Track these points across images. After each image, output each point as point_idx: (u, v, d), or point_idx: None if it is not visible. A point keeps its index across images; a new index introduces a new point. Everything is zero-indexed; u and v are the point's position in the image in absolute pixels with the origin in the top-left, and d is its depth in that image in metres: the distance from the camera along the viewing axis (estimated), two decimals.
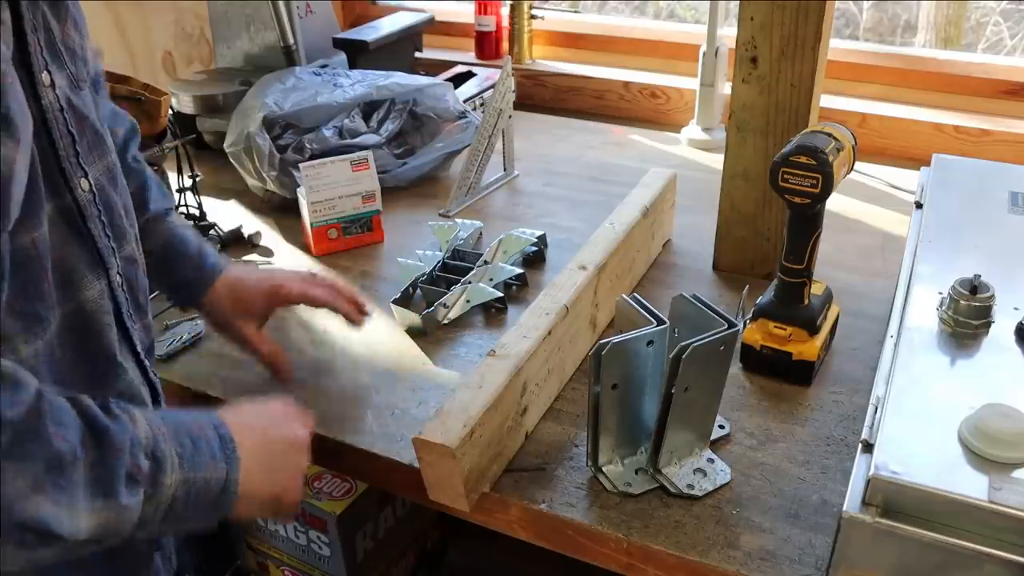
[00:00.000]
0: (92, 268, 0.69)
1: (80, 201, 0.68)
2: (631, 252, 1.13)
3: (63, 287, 0.66)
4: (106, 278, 0.71)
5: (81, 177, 0.68)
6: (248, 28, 1.67)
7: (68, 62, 0.68)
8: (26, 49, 0.62)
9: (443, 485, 0.81)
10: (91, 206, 0.69)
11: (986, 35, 3.70)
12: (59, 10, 0.68)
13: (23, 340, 0.63)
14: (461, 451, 0.77)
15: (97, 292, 0.70)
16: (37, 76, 0.63)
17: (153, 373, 0.79)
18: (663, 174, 1.25)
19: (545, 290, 0.98)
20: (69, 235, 0.67)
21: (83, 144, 0.69)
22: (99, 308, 0.70)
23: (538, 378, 0.91)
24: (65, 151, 0.66)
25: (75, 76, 0.69)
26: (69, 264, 0.67)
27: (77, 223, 0.68)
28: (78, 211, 0.68)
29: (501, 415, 0.83)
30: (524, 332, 0.90)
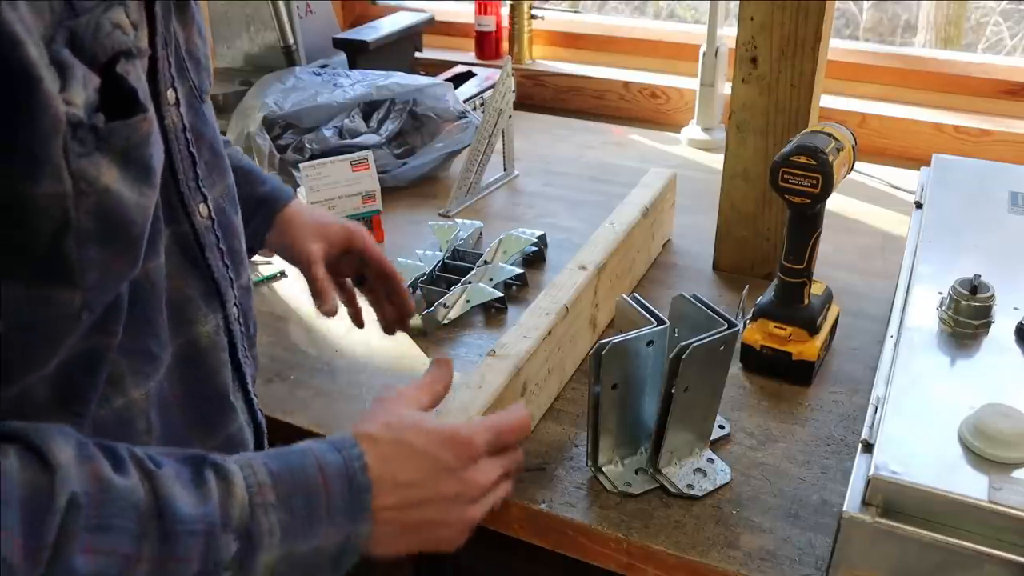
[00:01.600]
0: (208, 301, 0.63)
1: (198, 228, 0.61)
2: (631, 252, 1.13)
3: (176, 322, 0.60)
4: (222, 311, 0.65)
5: (200, 202, 0.62)
6: (248, 28, 1.67)
7: (192, 73, 0.62)
8: (155, 67, 0.56)
9: None
10: (209, 233, 0.63)
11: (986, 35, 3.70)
12: (185, 16, 0.62)
13: (133, 383, 0.56)
14: None
15: (212, 327, 0.64)
16: (163, 95, 0.57)
17: (259, 410, 0.72)
18: (663, 174, 1.25)
19: (545, 290, 0.98)
20: (184, 265, 0.61)
21: (202, 166, 0.62)
22: (214, 344, 0.64)
23: (538, 378, 0.91)
24: (184, 175, 0.60)
25: (198, 88, 0.63)
26: (184, 296, 0.61)
27: (193, 252, 0.62)
28: (195, 239, 0.62)
29: None
30: (524, 332, 0.90)
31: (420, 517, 0.59)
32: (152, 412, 0.58)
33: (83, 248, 0.47)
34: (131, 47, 0.48)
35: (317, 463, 0.55)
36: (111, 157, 0.47)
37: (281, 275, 1.24)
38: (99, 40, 0.46)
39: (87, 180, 0.45)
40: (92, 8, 0.45)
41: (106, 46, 0.46)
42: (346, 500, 0.55)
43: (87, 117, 0.45)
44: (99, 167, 0.46)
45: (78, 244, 0.46)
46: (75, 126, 0.44)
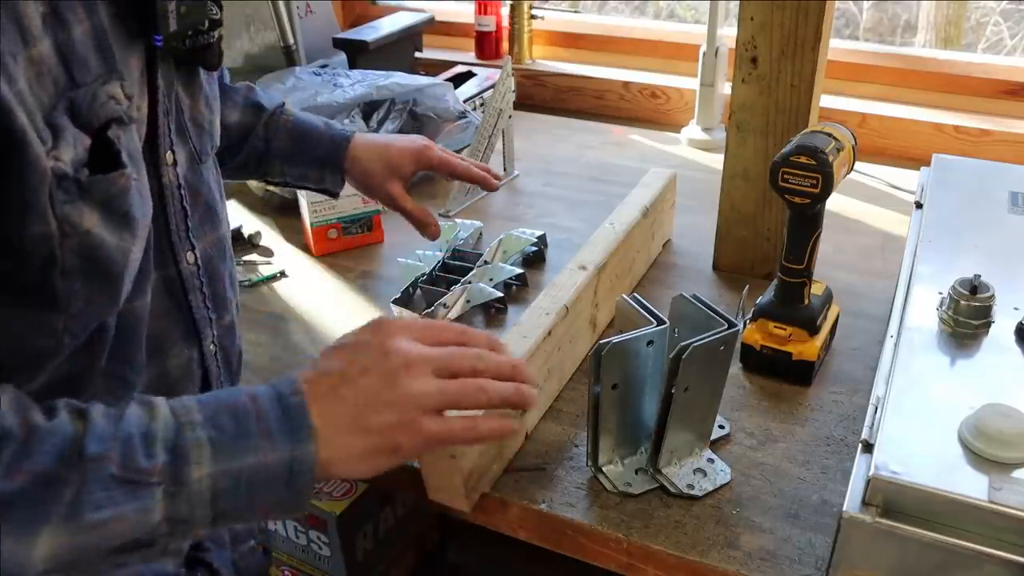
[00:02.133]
0: (186, 338, 0.71)
1: (183, 273, 0.70)
2: (631, 252, 1.13)
3: (152, 353, 0.67)
4: (198, 348, 0.73)
5: (188, 250, 0.70)
6: (248, 28, 1.67)
7: (193, 137, 0.71)
8: (156, 131, 0.65)
9: (443, 486, 0.81)
10: (194, 278, 0.71)
11: (986, 35, 3.70)
12: (192, 88, 0.71)
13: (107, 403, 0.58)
14: (461, 451, 0.77)
15: (185, 360, 0.71)
16: (161, 157, 0.66)
17: None
18: (663, 174, 1.25)
19: (545, 290, 0.98)
20: (168, 304, 0.69)
21: (195, 218, 0.71)
22: (185, 376, 0.71)
23: (538, 378, 0.91)
24: (176, 225, 0.69)
25: (198, 151, 0.72)
26: (163, 333, 0.69)
27: (178, 294, 0.70)
28: (180, 283, 0.70)
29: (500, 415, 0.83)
30: (524, 332, 0.90)
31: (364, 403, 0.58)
32: None
33: (68, 281, 0.55)
34: (123, 115, 0.57)
35: (246, 392, 0.58)
36: (92, 205, 0.55)
37: (281, 275, 1.24)
38: (94, 109, 0.55)
39: (71, 223, 0.54)
40: (91, 82, 0.54)
41: (100, 114, 0.55)
42: (280, 418, 0.56)
43: (73, 171, 0.53)
44: (82, 213, 0.54)
45: (63, 278, 0.54)
46: (60, 178, 0.52)
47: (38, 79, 0.51)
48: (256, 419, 0.56)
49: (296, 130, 1.01)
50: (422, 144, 1.04)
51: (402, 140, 1.05)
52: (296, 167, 1.02)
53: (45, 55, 0.51)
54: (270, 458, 0.55)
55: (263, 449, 0.55)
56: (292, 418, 0.56)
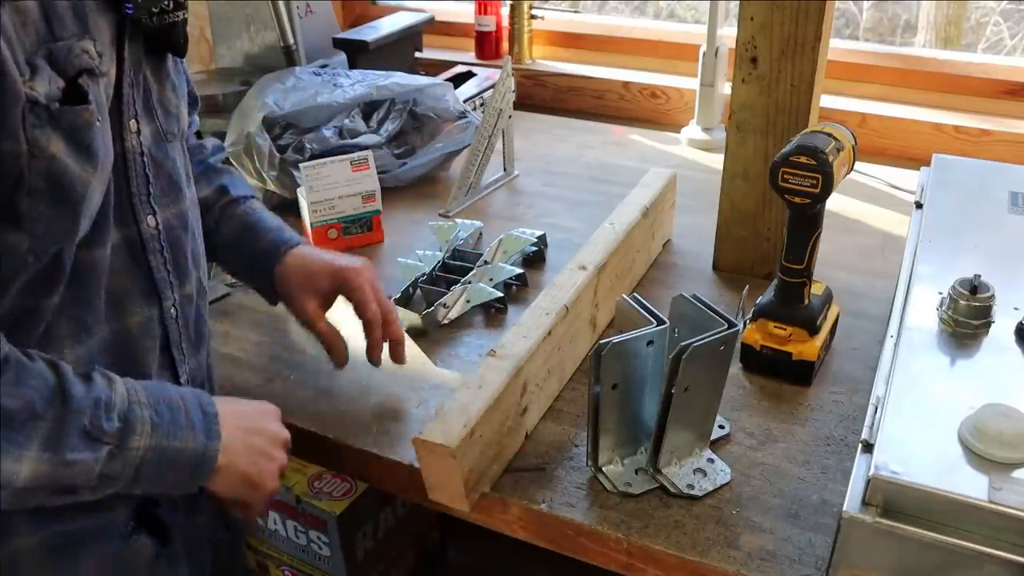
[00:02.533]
0: (146, 297, 0.76)
1: (144, 235, 0.75)
2: (631, 252, 1.13)
3: (113, 307, 0.73)
4: (159, 308, 0.77)
5: (149, 214, 0.75)
6: (248, 28, 1.67)
7: (160, 117, 0.77)
8: (121, 98, 0.71)
9: (443, 485, 0.81)
10: (154, 241, 0.76)
11: (986, 35, 3.70)
12: (160, 74, 0.77)
13: (70, 346, 0.70)
14: (461, 451, 0.77)
15: (144, 318, 0.76)
16: (126, 123, 0.72)
17: None
18: (663, 174, 1.25)
19: (545, 290, 0.98)
20: (129, 263, 0.74)
21: (157, 187, 0.76)
22: (145, 333, 0.76)
23: (538, 378, 0.91)
24: (137, 189, 0.74)
25: (164, 130, 0.77)
26: (123, 288, 0.74)
27: (137, 253, 0.75)
28: (140, 243, 0.75)
29: (501, 415, 0.84)
30: (524, 332, 0.90)
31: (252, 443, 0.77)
32: None
33: (33, 202, 0.62)
34: (95, 68, 0.65)
35: (177, 392, 0.73)
36: (59, 133, 0.62)
37: None
38: (69, 59, 0.63)
39: (39, 146, 0.61)
40: (68, 37, 0.63)
41: (74, 63, 0.63)
42: (200, 419, 0.72)
43: (45, 101, 0.61)
44: (49, 138, 0.62)
45: (30, 198, 0.62)
46: (32, 103, 0.60)
47: (23, 26, 0.60)
48: (184, 414, 0.71)
49: (246, 223, 0.98)
50: (351, 265, 0.96)
51: (334, 256, 0.97)
52: (233, 259, 0.99)
53: (30, 8, 0.60)
54: (188, 447, 0.71)
55: (186, 438, 0.71)
56: (209, 423, 0.73)
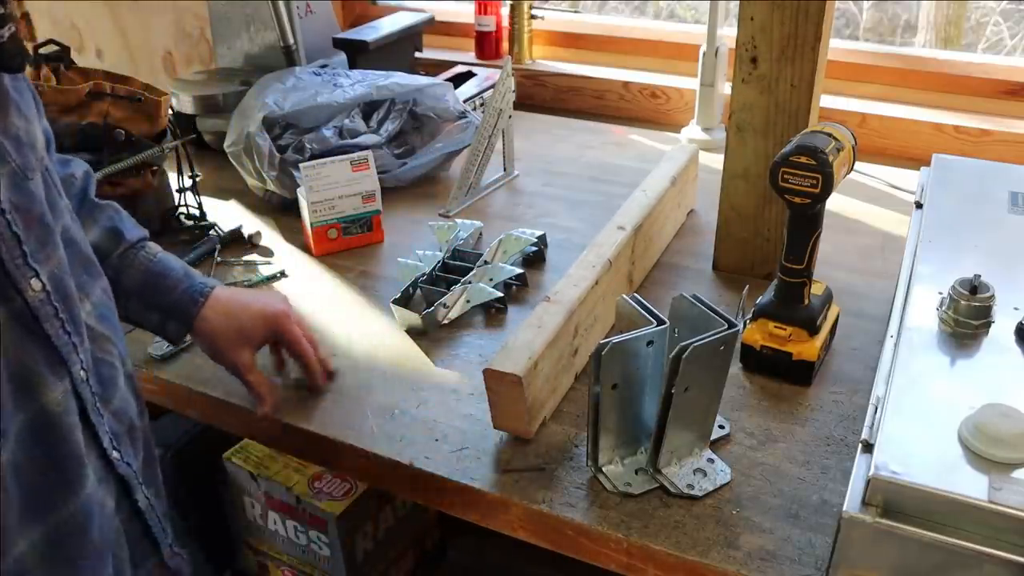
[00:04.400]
0: (53, 369, 0.66)
1: (32, 303, 0.64)
2: (661, 218, 1.21)
3: (22, 392, 0.63)
4: (69, 377, 0.67)
5: (32, 277, 0.64)
6: (248, 28, 1.67)
7: (12, 153, 0.64)
8: None
9: (508, 414, 0.88)
10: (46, 305, 0.65)
11: (986, 35, 3.70)
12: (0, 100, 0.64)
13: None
14: (527, 380, 0.84)
15: (60, 393, 0.66)
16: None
17: (126, 464, 0.75)
18: (687, 149, 1.35)
19: (588, 247, 1.06)
20: (24, 338, 0.64)
21: (31, 242, 0.64)
22: (64, 409, 0.66)
23: (587, 323, 0.99)
24: (9, 254, 0.62)
25: (21, 167, 0.65)
26: (27, 368, 0.64)
27: (31, 325, 0.64)
28: (31, 314, 0.64)
29: (557, 352, 0.92)
30: (574, 282, 0.99)
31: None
32: (7, 480, 0.61)
33: None
34: None
35: None
36: None
37: (281, 275, 1.24)
38: None
39: None
40: None
41: None
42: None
43: None
44: None
45: None
46: None
47: None
48: None
49: (151, 271, 0.91)
50: (280, 310, 0.95)
51: (259, 302, 0.95)
52: (140, 308, 0.92)
53: None
54: None
55: None
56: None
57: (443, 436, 0.91)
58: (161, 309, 0.91)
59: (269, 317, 0.94)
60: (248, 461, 1.25)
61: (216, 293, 0.93)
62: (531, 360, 0.86)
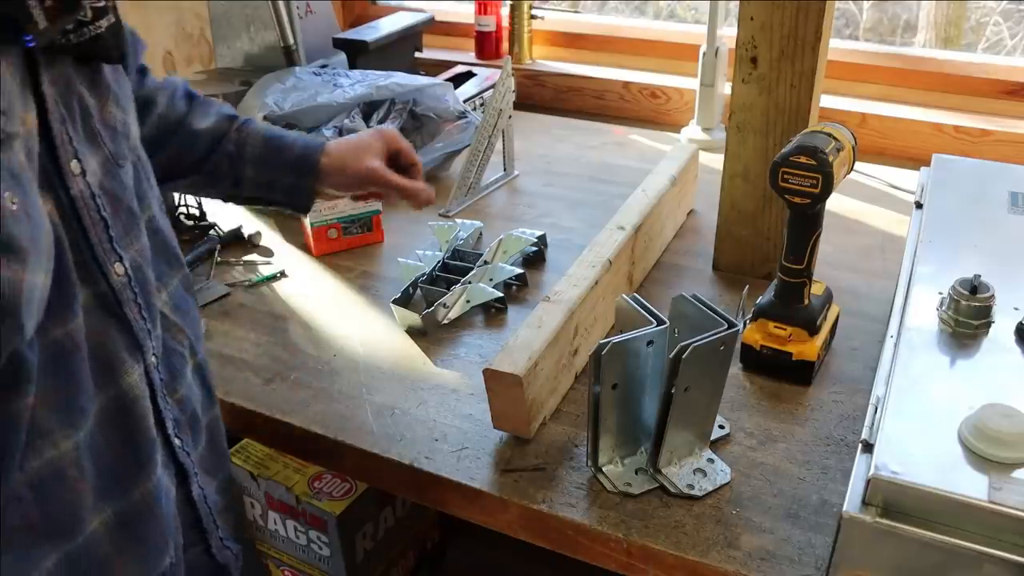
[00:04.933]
0: (131, 352, 0.68)
1: (115, 286, 0.66)
2: (661, 218, 1.21)
3: (103, 374, 0.65)
4: (143, 361, 0.70)
5: (116, 262, 0.66)
6: (248, 28, 1.67)
7: (107, 141, 0.67)
8: (53, 143, 0.61)
9: (508, 414, 0.88)
10: (126, 290, 0.67)
11: (986, 35, 3.70)
12: (99, 89, 0.67)
13: (63, 435, 0.62)
14: (527, 380, 0.84)
15: (137, 376, 0.69)
16: (65, 167, 0.62)
17: (185, 452, 0.76)
18: (688, 148, 1.35)
19: (588, 247, 1.06)
20: (106, 321, 0.66)
21: (117, 228, 0.67)
22: (139, 393, 0.69)
23: (587, 323, 0.98)
24: (98, 238, 0.65)
25: (113, 155, 0.68)
26: (107, 351, 0.66)
27: (113, 308, 0.66)
28: (114, 296, 0.66)
29: (557, 352, 0.92)
30: (574, 282, 0.99)
31: None
32: (84, 460, 0.64)
33: None
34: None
35: None
36: None
37: (281, 275, 1.24)
38: None
39: None
40: None
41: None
42: None
43: None
44: None
45: None
46: None
47: None
48: None
49: (269, 136, 1.01)
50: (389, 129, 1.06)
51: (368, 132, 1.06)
52: (269, 171, 1.00)
53: None
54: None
55: None
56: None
57: (443, 436, 0.91)
58: (289, 167, 1.00)
59: (382, 132, 1.04)
60: (248, 461, 1.25)
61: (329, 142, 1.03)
62: (531, 360, 0.86)
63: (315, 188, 1.02)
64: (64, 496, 0.63)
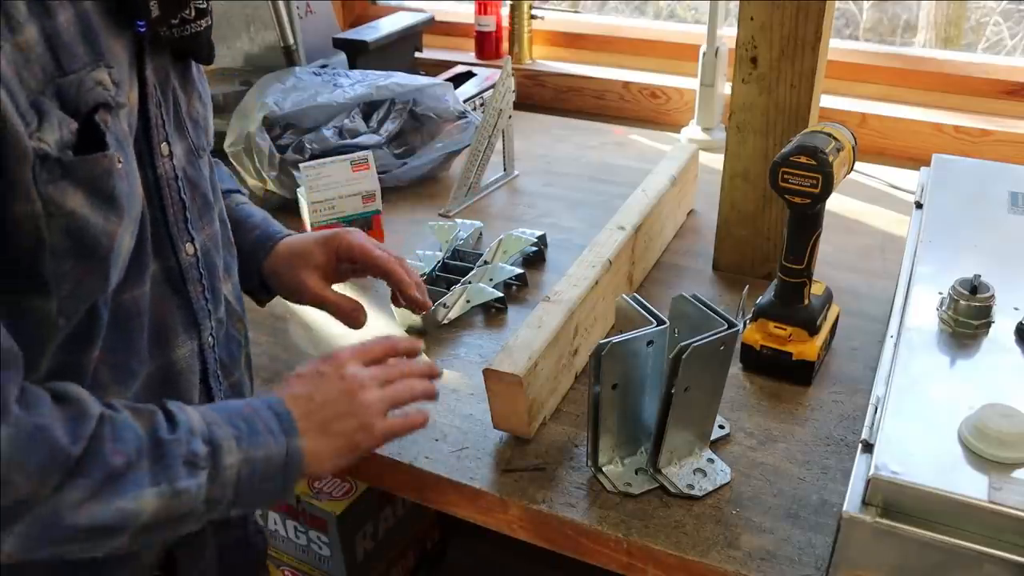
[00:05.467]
0: (187, 328, 0.73)
1: (183, 264, 0.71)
2: (661, 218, 1.21)
3: (157, 344, 0.70)
4: (198, 339, 0.74)
5: (187, 242, 0.71)
6: (248, 28, 1.67)
7: (191, 132, 0.72)
8: (148, 123, 0.66)
9: (508, 414, 0.88)
10: (193, 269, 0.72)
11: (986, 35, 3.70)
12: (188, 84, 0.73)
13: (115, 392, 0.66)
14: (527, 380, 0.84)
15: (188, 352, 0.73)
16: (156, 148, 0.67)
17: None
18: (688, 148, 1.35)
19: (588, 247, 1.06)
20: (169, 295, 0.71)
21: (193, 210, 0.72)
22: (188, 368, 0.73)
23: (587, 323, 0.97)
24: (174, 216, 0.70)
25: (195, 145, 0.73)
26: (165, 322, 0.70)
27: (178, 284, 0.71)
28: (180, 273, 0.71)
29: (557, 352, 0.92)
30: (574, 282, 0.99)
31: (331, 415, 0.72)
32: None
33: (57, 262, 0.57)
34: (110, 100, 0.59)
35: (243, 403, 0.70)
36: (76, 185, 0.56)
37: None
38: (81, 94, 0.56)
39: (55, 203, 0.55)
40: (79, 69, 0.56)
41: (87, 99, 0.57)
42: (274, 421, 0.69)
43: (57, 151, 0.55)
44: (65, 193, 0.56)
45: (53, 259, 0.56)
46: (43, 158, 0.54)
47: (26, 65, 0.53)
48: (259, 421, 0.68)
49: (232, 216, 0.91)
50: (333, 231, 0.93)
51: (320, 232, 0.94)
52: None
53: (32, 42, 0.53)
54: (273, 451, 0.67)
55: (268, 444, 0.67)
56: (283, 422, 0.69)
57: (443, 436, 0.91)
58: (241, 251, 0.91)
59: (327, 237, 0.92)
60: None
61: (288, 238, 0.94)
62: (531, 360, 0.86)
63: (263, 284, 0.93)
64: None
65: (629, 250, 1.10)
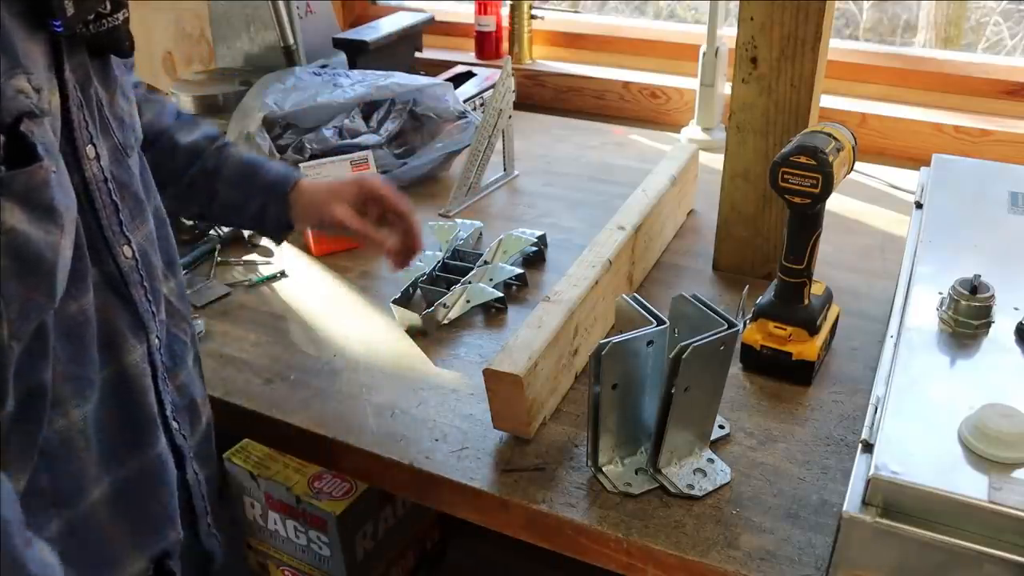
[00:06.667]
0: (135, 332, 0.72)
1: (123, 267, 0.70)
2: (661, 218, 1.21)
3: (109, 350, 0.69)
4: (147, 342, 0.73)
5: (124, 244, 0.70)
6: (248, 28, 1.67)
7: (116, 131, 0.71)
8: (71, 127, 0.64)
9: (508, 414, 0.88)
10: (133, 272, 0.71)
11: (986, 35, 3.70)
12: (108, 81, 0.70)
13: (74, 404, 0.66)
14: (527, 380, 0.84)
15: (139, 355, 0.72)
16: (81, 151, 0.65)
17: (182, 436, 0.79)
18: (688, 148, 1.35)
19: (588, 247, 1.06)
20: (113, 300, 0.70)
21: (125, 212, 0.71)
22: (140, 372, 0.72)
23: (587, 323, 0.98)
24: (107, 220, 0.68)
25: (122, 144, 0.71)
26: (114, 328, 0.70)
27: (120, 288, 0.70)
28: (121, 277, 0.70)
29: (557, 352, 0.92)
30: (574, 282, 0.99)
31: None
32: (90, 431, 0.68)
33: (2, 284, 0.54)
34: (33, 108, 0.56)
35: None
36: (13, 201, 0.54)
37: (281, 275, 1.24)
38: (3, 105, 0.54)
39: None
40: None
41: (10, 109, 0.54)
42: None
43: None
44: (1, 211, 0.54)
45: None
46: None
47: None
48: None
49: (248, 160, 0.99)
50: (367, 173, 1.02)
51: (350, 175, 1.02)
52: (241, 193, 0.99)
53: None
54: None
55: None
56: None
57: (443, 436, 0.91)
58: (262, 191, 0.97)
59: (357, 179, 1.00)
60: (248, 461, 1.25)
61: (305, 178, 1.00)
62: (531, 360, 0.86)
63: (285, 219, 0.99)
64: (70, 465, 0.67)
65: (629, 250, 1.10)
